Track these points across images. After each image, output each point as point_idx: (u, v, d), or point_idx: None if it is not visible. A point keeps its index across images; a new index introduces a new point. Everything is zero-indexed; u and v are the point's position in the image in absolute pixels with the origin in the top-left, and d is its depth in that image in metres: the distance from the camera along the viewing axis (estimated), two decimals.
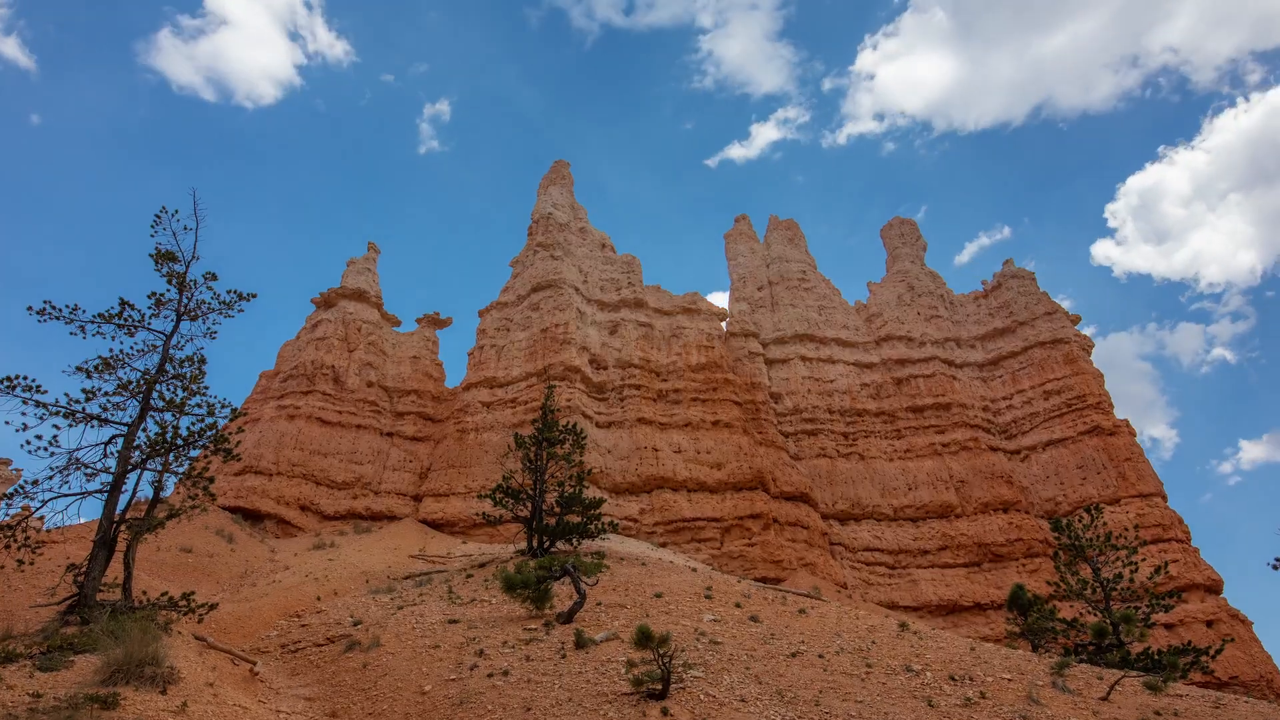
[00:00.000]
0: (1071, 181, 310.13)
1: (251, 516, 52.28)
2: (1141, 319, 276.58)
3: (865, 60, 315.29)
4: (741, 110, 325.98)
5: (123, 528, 21.44)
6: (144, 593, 23.42)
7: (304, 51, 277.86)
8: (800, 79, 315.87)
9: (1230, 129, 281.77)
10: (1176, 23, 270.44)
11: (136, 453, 21.76)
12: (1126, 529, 47.42)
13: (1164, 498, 62.30)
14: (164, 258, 23.26)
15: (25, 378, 20.51)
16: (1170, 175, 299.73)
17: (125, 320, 22.61)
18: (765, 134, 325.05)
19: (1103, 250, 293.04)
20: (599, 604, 25.65)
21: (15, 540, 20.11)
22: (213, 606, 22.68)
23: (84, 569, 20.64)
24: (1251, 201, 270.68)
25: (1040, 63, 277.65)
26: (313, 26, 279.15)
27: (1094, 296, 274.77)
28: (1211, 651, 31.65)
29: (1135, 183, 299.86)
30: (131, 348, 22.72)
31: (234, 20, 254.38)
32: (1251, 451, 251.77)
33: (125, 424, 21.99)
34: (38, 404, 20.56)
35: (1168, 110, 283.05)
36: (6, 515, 21.49)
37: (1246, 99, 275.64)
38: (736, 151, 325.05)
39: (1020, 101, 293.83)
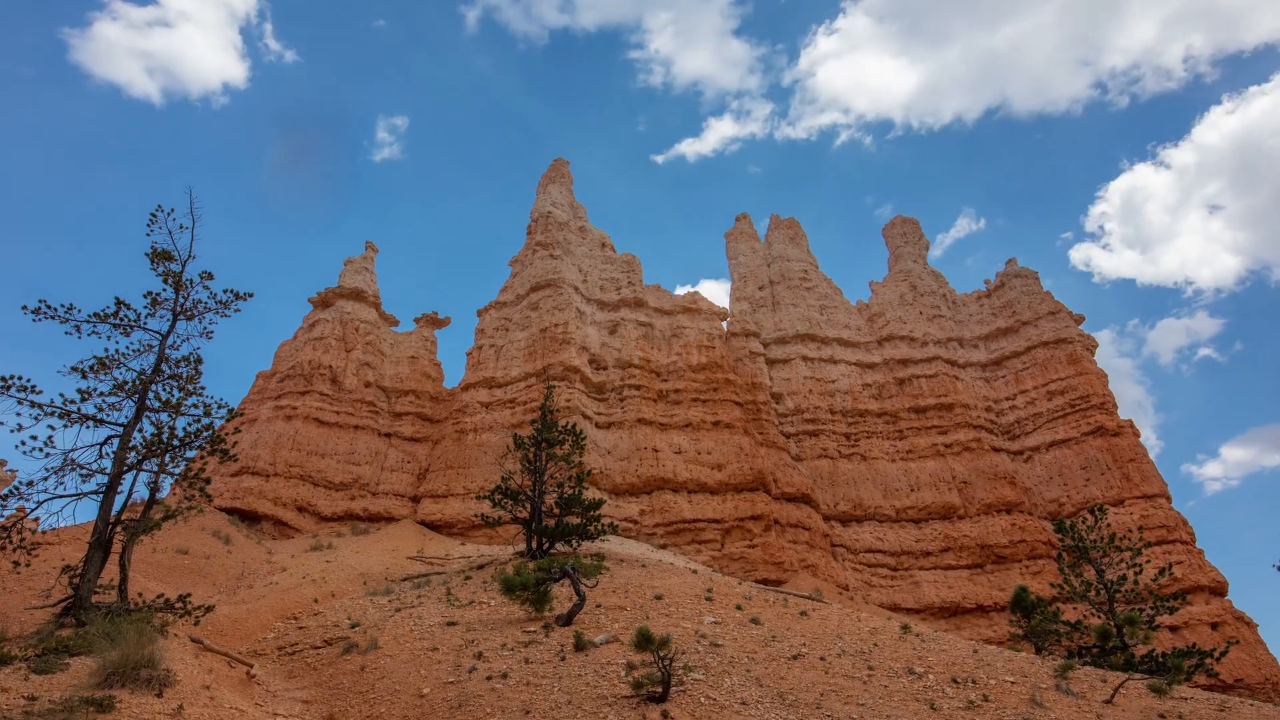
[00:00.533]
0: (1042, 178, 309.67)
1: (248, 518, 52.12)
2: (1122, 319, 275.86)
3: (819, 54, 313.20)
4: (693, 106, 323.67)
5: (118, 529, 21.30)
6: (140, 595, 23.24)
7: (255, 60, 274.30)
8: (761, 72, 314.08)
9: (1217, 129, 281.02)
10: (1135, 24, 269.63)
11: (132, 453, 21.61)
12: (1130, 530, 47.14)
13: (1168, 499, 62.08)
14: (160, 257, 23.11)
15: (20, 378, 20.40)
16: (1151, 179, 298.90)
17: (121, 320, 22.48)
18: (721, 129, 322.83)
19: (1081, 255, 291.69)
20: (598, 606, 25.47)
21: (10, 542, 19.99)
22: (209, 609, 22.51)
23: (79, 571, 20.49)
24: (1235, 205, 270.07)
25: (997, 60, 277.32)
26: (263, 34, 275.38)
27: (1072, 296, 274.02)
28: (1216, 654, 31.40)
29: (1115, 185, 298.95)
30: (127, 348, 22.61)
31: (186, 15, 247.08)
32: (1234, 454, 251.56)
33: (121, 424, 21.87)
34: (33, 404, 20.42)
35: (1122, 113, 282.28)
36: (1, 517, 21.32)
37: (1229, 99, 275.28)
38: (689, 147, 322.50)
39: (977, 101, 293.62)
